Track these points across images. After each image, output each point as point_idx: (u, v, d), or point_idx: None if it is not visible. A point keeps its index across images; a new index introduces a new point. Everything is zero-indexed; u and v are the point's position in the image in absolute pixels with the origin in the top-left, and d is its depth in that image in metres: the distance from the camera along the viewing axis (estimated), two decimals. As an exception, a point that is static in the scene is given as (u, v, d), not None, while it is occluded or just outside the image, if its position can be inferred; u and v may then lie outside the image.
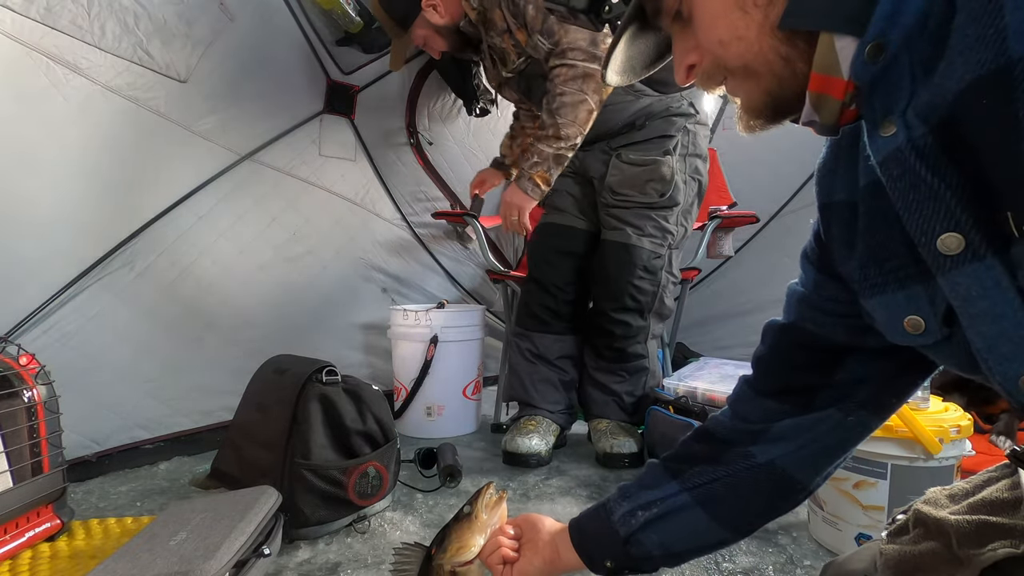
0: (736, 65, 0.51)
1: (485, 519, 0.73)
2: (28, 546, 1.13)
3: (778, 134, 0.55)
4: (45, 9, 1.45)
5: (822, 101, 0.47)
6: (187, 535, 1.01)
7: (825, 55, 0.46)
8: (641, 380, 1.77)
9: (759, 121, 0.53)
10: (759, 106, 0.52)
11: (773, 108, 0.52)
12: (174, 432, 1.77)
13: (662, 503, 0.69)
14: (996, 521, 0.53)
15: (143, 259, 1.69)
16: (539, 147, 1.62)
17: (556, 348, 1.82)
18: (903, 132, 0.43)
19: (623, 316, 1.70)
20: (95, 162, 1.57)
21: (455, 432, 2.02)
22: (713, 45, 0.51)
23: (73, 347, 1.56)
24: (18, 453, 1.13)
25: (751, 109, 0.53)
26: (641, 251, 1.68)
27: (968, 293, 0.42)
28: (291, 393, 1.31)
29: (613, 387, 1.76)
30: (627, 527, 0.70)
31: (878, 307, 0.52)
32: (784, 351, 0.67)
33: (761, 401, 0.68)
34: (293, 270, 2.07)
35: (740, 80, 0.52)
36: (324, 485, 1.26)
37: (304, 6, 1.95)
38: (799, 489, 0.67)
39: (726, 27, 0.49)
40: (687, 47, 0.55)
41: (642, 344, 1.76)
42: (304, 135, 2.06)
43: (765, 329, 0.70)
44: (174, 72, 1.70)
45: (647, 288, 1.70)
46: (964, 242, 0.41)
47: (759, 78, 0.50)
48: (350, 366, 2.12)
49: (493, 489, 0.76)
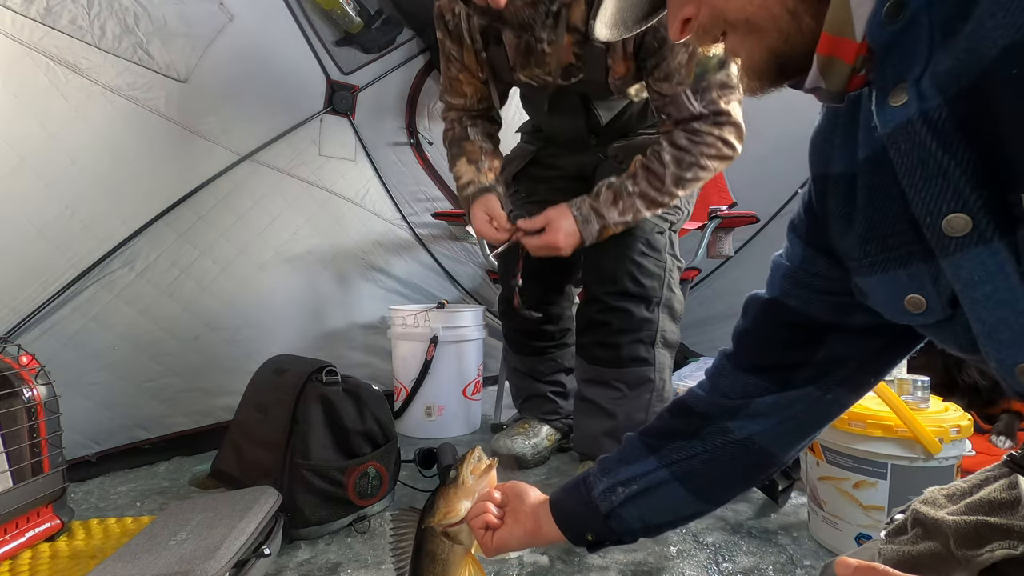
0: (737, 18, 0.47)
1: (472, 484, 0.74)
2: (28, 546, 1.13)
3: (778, 134, 0.55)
4: (45, 9, 1.45)
5: (830, 64, 0.44)
6: (187, 535, 1.01)
7: (838, 13, 0.42)
8: (644, 398, 1.41)
9: (760, 83, 0.49)
10: (761, 66, 0.48)
11: (777, 68, 0.48)
12: (174, 432, 1.77)
13: (641, 479, 0.69)
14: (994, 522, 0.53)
15: (143, 259, 1.69)
16: (637, 203, 1.30)
17: (546, 367, 1.72)
18: (915, 103, 0.40)
19: (622, 303, 1.39)
20: (95, 162, 1.57)
21: (455, 432, 2.02)
22: None
23: (73, 347, 1.56)
24: (18, 453, 1.13)
25: (752, 69, 0.49)
26: (643, 222, 1.39)
27: (971, 278, 0.40)
28: (291, 393, 1.31)
29: (607, 407, 1.43)
30: (607, 503, 0.70)
31: (878, 285, 0.51)
32: (766, 328, 0.66)
33: (741, 376, 0.67)
34: (293, 270, 2.07)
35: (741, 36, 0.48)
36: (324, 485, 1.26)
37: (304, 6, 1.95)
38: (774, 463, 0.68)
39: None
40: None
41: (647, 347, 1.41)
42: (304, 135, 2.06)
43: (747, 303, 0.68)
44: (174, 72, 1.70)
45: (650, 268, 1.40)
46: (972, 223, 0.39)
47: (762, 34, 0.46)
48: (350, 366, 2.12)
49: (480, 453, 0.76)
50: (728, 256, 2.08)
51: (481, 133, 1.54)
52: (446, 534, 0.73)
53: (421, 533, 0.75)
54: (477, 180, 1.46)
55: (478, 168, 1.48)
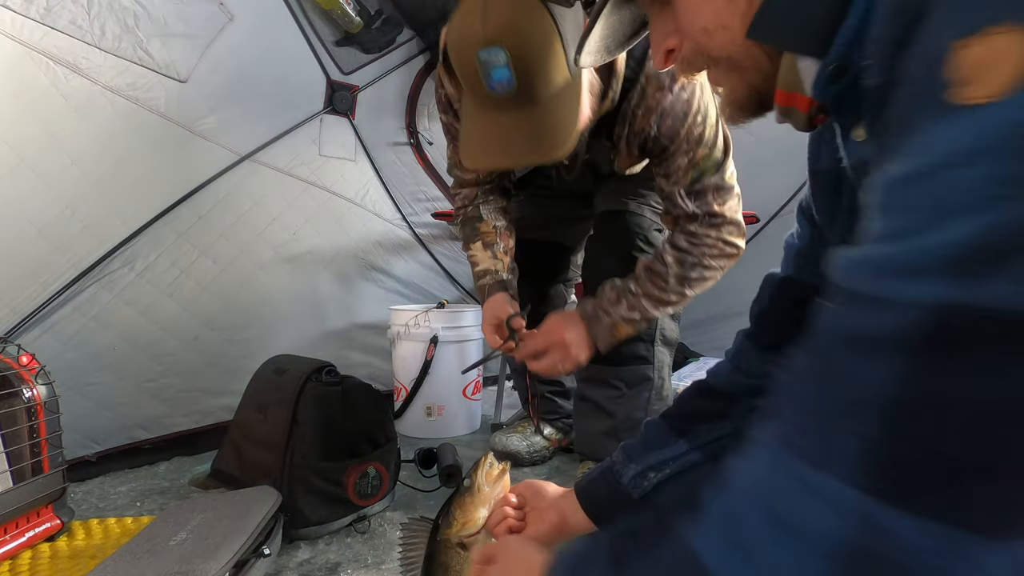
0: (720, 55, 0.48)
1: (488, 491, 0.73)
2: (28, 546, 1.13)
3: (778, 134, 0.55)
4: (45, 9, 1.45)
5: (789, 112, 0.47)
6: (187, 535, 1.01)
7: (788, 73, 0.45)
8: (643, 397, 1.41)
9: (742, 114, 0.52)
10: (743, 100, 0.50)
11: (757, 102, 0.50)
12: (174, 432, 1.77)
13: (674, 462, 0.69)
14: None
15: (143, 259, 1.69)
16: (643, 303, 1.26)
17: None
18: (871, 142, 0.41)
19: None
20: (95, 162, 1.57)
21: (455, 432, 2.02)
22: (696, 32, 0.49)
23: (73, 347, 1.56)
24: (18, 453, 1.13)
25: (734, 102, 0.51)
26: (641, 219, 1.40)
27: None
28: (291, 393, 1.31)
29: (606, 406, 1.43)
30: (640, 488, 0.70)
31: None
32: (783, 306, 0.67)
33: (762, 354, 0.68)
34: (293, 270, 2.07)
35: (723, 71, 0.50)
36: (324, 485, 1.26)
37: (304, 6, 1.95)
38: None
39: (711, 14, 0.47)
40: (666, 30, 0.52)
41: (646, 344, 1.41)
42: (304, 135, 2.06)
43: (764, 282, 0.70)
44: (174, 72, 1.70)
45: None
46: None
47: (743, 71, 0.48)
48: (350, 366, 2.12)
49: (492, 459, 0.75)
50: (728, 256, 2.08)
51: (494, 210, 1.49)
52: (462, 545, 0.72)
53: (435, 544, 0.73)
54: (493, 269, 1.42)
55: (493, 254, 1.44)
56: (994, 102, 0.27)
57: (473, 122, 1.02)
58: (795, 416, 0.34)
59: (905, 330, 0.29)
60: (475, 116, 1.02)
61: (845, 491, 0.30)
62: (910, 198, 0.30)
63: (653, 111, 1.14)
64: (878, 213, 0.32)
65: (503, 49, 0.90)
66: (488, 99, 0.96)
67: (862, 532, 0.30)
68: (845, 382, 0.31)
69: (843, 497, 0.30)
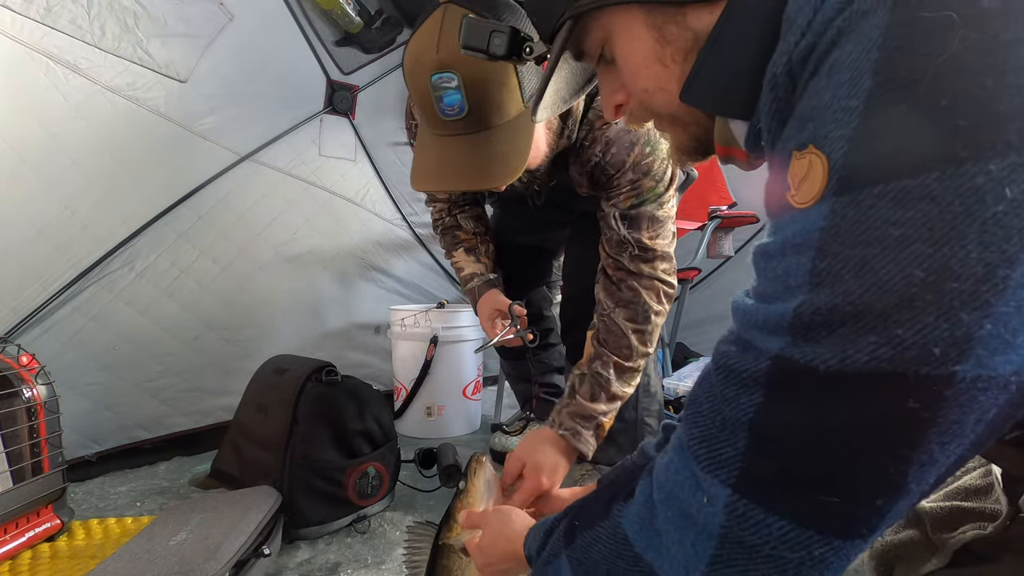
0: (662, 112, 0.52)
1: (482, 492, 0.76)
2: (28, 546, 1.13)
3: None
4: (45, 9, 1.45)
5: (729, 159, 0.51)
6: (187, 535, 1.01)
7: (723, 132, 0.49)
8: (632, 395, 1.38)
9: (689, 159, 0.56)
10: (687, 147, 0.54)
11: (702, 150, 0.53)
12: (174, 432, 1.77)
13: None
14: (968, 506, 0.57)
15: (143, 259, 1.69)
16: (616, 388, 1.16)
17: (535, 369, 1.70)
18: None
19: None
20: (95, 162, 1.57)
21: (455, 432, 2.02)
22: (639, 92, 0.52)
23: (73, 347, 1.56)
24: (18, 453, 1.13)
25: (679, 148, 0.55)
26: None
27: None
28: (291, 393, 1.32)
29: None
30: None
31: None
32: None
33: None
34: (293, 270, 2.07)
35: (667, 124, 0.53)
36: (324, 485, 1.26)
37: (304, 6, 1.95)
38: None
39: (649, 78, 0.50)
40: (614, 86, 0.55)
41: None
42: (304, 135, 2.06)
43: None
44: (174, 72, 1.70)
45: None
46: None
47: (685, 125, 0.52)
48: (350, 366, 2.12)
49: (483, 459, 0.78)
50: (728, 256, 2.09)
51: (470, 217, 1.52)
52: (464, 550, 0.73)
53: (437, 549, 0.75)
54: (479, 271, 1.46)
55: (476, 258, 1.48)
56: (809, 208, 0.35)
57: (422, 145, 1.03)
58: (694, 425, 0.42)
59: (761, 371, 0.37)
60: (425, 139, 1.02)
61: (725, 491, 0.38)
62: (770, 270, 0.38)
63: (598, 141, 1.15)
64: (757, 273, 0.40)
65: (456, 74, 0.91)
66: (439, 123, 0.96)
67: (738, 524, 0.38)
68: (727, 405, 0.39)
69: (723, 495, 0.38)
